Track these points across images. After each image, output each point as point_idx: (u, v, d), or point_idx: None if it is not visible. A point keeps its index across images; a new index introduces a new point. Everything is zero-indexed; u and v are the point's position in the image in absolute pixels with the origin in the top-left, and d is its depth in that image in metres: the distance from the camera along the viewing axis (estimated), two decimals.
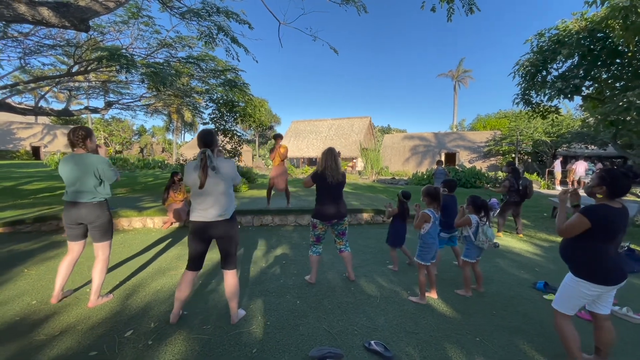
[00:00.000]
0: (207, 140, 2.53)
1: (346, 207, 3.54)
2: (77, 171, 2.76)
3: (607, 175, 2.09)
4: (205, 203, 2.50)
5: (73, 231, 2.89)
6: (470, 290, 3.40)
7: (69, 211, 2.81)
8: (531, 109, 8.86)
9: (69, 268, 2.94)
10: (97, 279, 2.91)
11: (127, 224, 5.93)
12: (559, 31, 7.08)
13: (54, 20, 4.67)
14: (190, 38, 7.49)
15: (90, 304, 2.88)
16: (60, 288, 2.93)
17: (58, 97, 27.15)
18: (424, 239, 3.23)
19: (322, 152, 3.46)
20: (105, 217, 2.94)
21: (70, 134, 2.81)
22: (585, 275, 2.09)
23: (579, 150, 19.34)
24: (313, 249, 3.53)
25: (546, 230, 6.58)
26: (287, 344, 2.41)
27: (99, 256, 2.95)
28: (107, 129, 38.16)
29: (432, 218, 3.20)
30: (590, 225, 2.03)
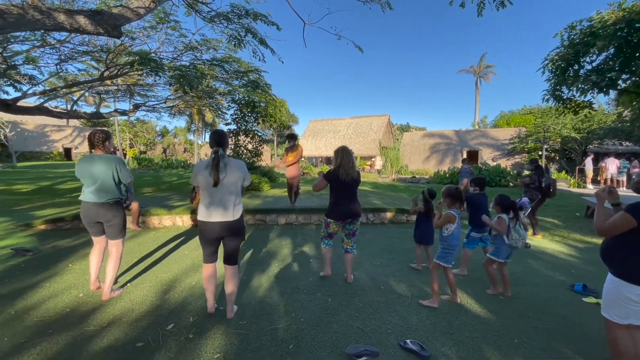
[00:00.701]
0: (219, 140, 2.60)
1: (360, 207, 3.51)
2: (97, 172, 2.90)
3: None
4: (216, 202, 2.54)
5: (93, 229, 3.07)
6: (499, 288, 3.34)
7: (87, 210, 2.96)
8: (562, 104, 8.49)
9: (99, 257, 3.16)
10: (110, 274, 3.07)
11: (158, 222, 6.16)
12: (593, 23, 6.75)
13: (89, 28, 4.91)
14: (215, 41, 7.67)
15: (104, 297, 3.04)
16: (95, 276, 3.15)
17: (87, 100, 28.46)
18: (448, 241, 3.09)
19: (335, 150, 3.47)
20: (121, 216, 3.09)
21: (90, 135, 2.97)
22: (628, 277, 1.95)
23: (611, 147, 18.39)
24: (325, 242, 3.56)
25: (580, 230, 6.32)
26: (322, 340, 2.45)
27: (112, 253, 3.10)
28: (132, 130, 39.64)
29: (457, 219, 3.07)
30: (636, 224, 1.90)
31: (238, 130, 11.12)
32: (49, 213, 6.47)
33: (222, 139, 2.63)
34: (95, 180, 2.91)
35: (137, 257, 4.29)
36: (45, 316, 2.70)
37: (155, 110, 12.99)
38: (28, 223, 5.61)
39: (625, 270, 1.98)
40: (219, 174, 2.46)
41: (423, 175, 21.16)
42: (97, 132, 2.98)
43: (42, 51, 8.04)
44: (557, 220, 7.22)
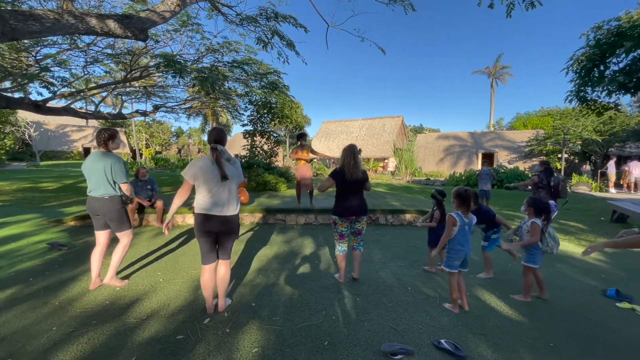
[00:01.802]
0: (218, 137, 2.68)
1: (366, 206, 3.52)
2: (93, 168, 3.08)
3: None
4: (218, 197, 2.61)
5: (95, 221, 3.25)
6: (529, 297, 3.26)
7: (88, 203, 3.17)
8: (586, 105, 8.30)
9: (100, 257, 3.29)
10: (115, 259, 3.28)
11: (182, 220, 6.30)
12: (621, 22, 6.59)
13: (119, 32, 5.08)
14: (236, 43, 7.80)
15: (105, 281, 3.24)
16: (96, 275, 3.25)
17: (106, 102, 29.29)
18: (450, 245, 3.01)
19: (343, 149, 3.48)
20: (117, 211, 3.20)
21: (96, 134, 3.16)
22: None
23: (634, 150, 17.81)
24: (338, 247, 3.54)
25: (606, 235, 6.16)
26: (356, 338, 2.48)
27: (120, 241, 3.31)
28: (148, 130, 40.53)
29: (458, 222, 2.93)
30: None
31: (254, 131, 11.27)
32: (76, 210, 6.71)
33: (221, 136, 2.71)
34: (92, 175, 3.09)
35: (165, 253, 4.41)
36: (87, 308, 2.82)
37: (173, 111, 13.29)
38: (59, 219, 5.83)
39: None
40: (224, 169, 2.57)
41: (437, 177, 20.93)
42: (101, 131, 3.15)
43: (69, 54, 8.35)
44: (582, 225, 7.05)
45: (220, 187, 2.62)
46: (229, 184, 2.66)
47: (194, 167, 2.61)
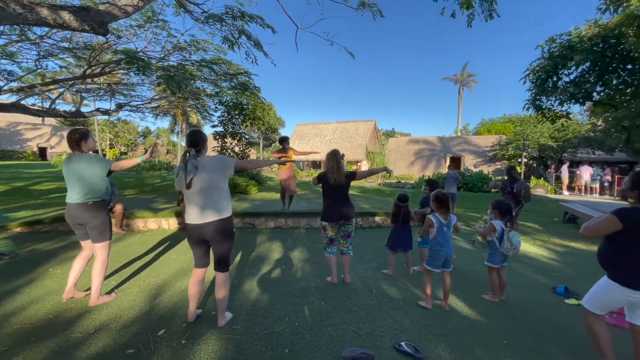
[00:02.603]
0: (192, 140, 2.53)
1: (354, 209, 3.56)
2: (72, 172, 2.82)
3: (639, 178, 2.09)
4: (195, 204, 2.44)
5: (77, 231, 2.97)
6: (497, 296, 3.39)
7: (68, 211, 2.88)
8: (541, 113, 8.88)
9: (83, 263, 3.03)
10: (97, 279, 2.95)
11: (143, 225, 5.99)
12: (571, 37, 7.12)
13: (74, 24, 4.76)
14: (205, 42, 7.58)
15: (91, 303, 2.93)
16: (72, 283, 2.98)
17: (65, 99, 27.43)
18: (431, 245, 3.18)
19: (327, 154, 3.51)
20: (101, 218, 2.93)
21: (67, 136, 2.89)
22: (620, 280, 2.07)
23: (584, 156, 19.30)
24: (328, 250, 3.59)
25: (559, 235, 6.58)
26: (317, 344, 2.44)
27: (97, 257, 2.98)
28: (112, 130, 38.46)
29: (435, 223, 3.10)
30: (621, 227, 2.02)
31: (225, 133, 11.00)
32: (24, 215, 6.18)
33: (195, 139, 2.54)
34: (73, 180, 2.83)
35: (123, 261, 4.16)
36: (26, 323, 2.58)
37: (138, 110, 12.66)
38: (3, 225, 5.34)
39: (617, 275, 2.10)
40: (187, 176, 2.37)
41: (408, 180, 21.52)
42: (72, 132, 2.89)
43: (20, 46, 7.73)
44: (537, 225, 7.50)
45: (193, 193, 2.45)
46: (205, 188, 2.45)
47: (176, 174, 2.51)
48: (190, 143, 2.52)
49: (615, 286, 2.09)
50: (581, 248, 5.62)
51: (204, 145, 2.59)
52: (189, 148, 2.46)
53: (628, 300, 2.08)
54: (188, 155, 2.40)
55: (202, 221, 2.45)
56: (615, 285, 2.09)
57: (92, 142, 3.00)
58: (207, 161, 2.50)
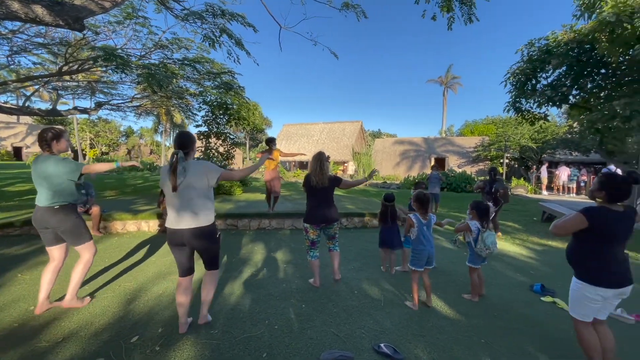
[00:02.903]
0: (180, 142, 2.45)
1: (337, 212, 3.55)
2: (40, 174, 2.69)
3: (607, 180, 2.14)
4: (180, 208, 2.38)
5: (44, 235, 2.81)
6: (477, 296, 3.43)
7: (35, 215, 2.75)
8: (521, 115, 9.11)
9: (53, 276, 2.84)
10: (75, 278, 2.87)
11: (121, 227, 5.80)
12: (548, 42, 7.34)
13: (47, 19, 4.58)
14: (187, 40, 7.43)
15: (64, 304, 2.82)
16: (45, 297, 2.80)
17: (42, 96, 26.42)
18: (413, 245, 3.23)
19: (312, 156, 3.49)
20: (69, 222, 2.79)
21: (39, 135, 2.74)
22: (587, 278, 2.12)
23: (562, 157, 19.98)
24: (311, 254, 3.55)
25: (538, 234, 6.76)
26: (296, 347, 2.41)
27: (80, 257, 2.91)
28: (93, 129, 37.32)
29: (416, 223, 3.17)
30: (587, 224, 2.07)
31: (209, 133, 10.82)
32: None
33: (185, 141, 2.47)
34: (40, 182, 2.70)
35: (99, 265, 4.00)
36: None
37: (119, 109, 12.29)
38: None
39: (583, 272, 2.16)
40: (176, 179, 2.30)
41: (394, 181, 21.73)
42: (44, 130, 2.74)
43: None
44: (517, 225, 7.69)
45: (177, 197, 2.37)
46: (189, 193, 2.38)
47: (161, 172, 2.44)
48: (179, 145, 2.43)
49: (585, 286, 2.13)
50: (558, 246, 5.80)
51: (193, 148, 2.52)
52: (176, 150, 2.37)
53: (598, 298, 2.12)
54: (176, 158, 2.32)
55: (183, 226, 2.39)
56: (583, 284, 2.15)
57: (64, 143, 2.84)
58: (192, 165, 2.43)
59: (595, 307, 2.16)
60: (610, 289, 2.09)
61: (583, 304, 2.17)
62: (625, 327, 3.00)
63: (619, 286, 2.10)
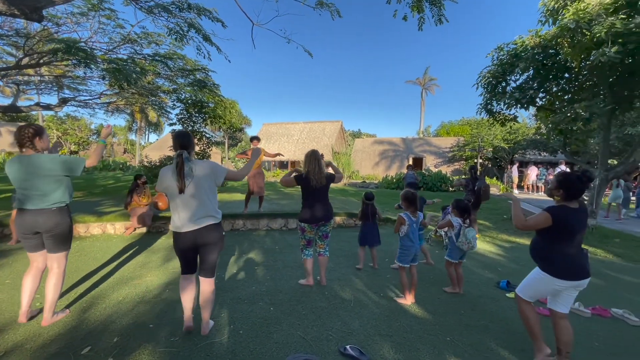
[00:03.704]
0: (183, 142, 2.39)
1: (332, 210, 3.58)
2: (27, 174, 2.46)
3: (564, 179, 2.29)
4: (187, 210, 2.34)
5: (30, 241, 2.58)
6: (457, 287, 3.57)
7: (23, 219, 2.49)
8: (492, 117, 9.41)
9: (35, 282, 2.64)
10: (52, 294, 2.61)
11: (84, 231, 5.50)
12: (516, 46, 7.60)
13: (1, 8, 4.29)
14: (158, 35, 7.16)
15: (44, 322, 2.58)
16: (27, 305, 2.61)
17: (3, 91, 24.81)
18: (402, 242, 3.33)
19: (306, 154, 3.48)
20: (65, 225, 2.63)
21: (16, 132, 2.51)
22: (550, 271, 2.24)
23: (532, 157, 20.89)
24: (306, 252, 3.57)
25: (506, 231, 7.00)
26: (260, 352, 2.34)
27: (53, 268, 2.65)
28: (60, 127, 35.40)
29: (407, 221, 3.28)
30: (552, 222, 2.20)
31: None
32: None
33: (187, 141, 2.40)
34: (27, 185, 2.46)
35: None
36: None
37: (88, 106, 11.69)
38: None
39: (547, 265, 2.28)
40: (184, 180, 2.26)
41: (373, 180, 21.97)
42: (23, 127, 2.50)
43: None
44: (487, 222, 7.93)
45: (184, 199, 2.31)
46: (197, 194, 2.33)
47: (161, 178, 2.39)
48: (181, 145, 2.36)
49: (546, 277, 2.26)
50: (525, 243, 6.01)
51: (193, 147, 2.47)
52: (180, 151, 2.31)
53: (554, 289, 2.27)
54: (181, 159, 2.27)
55: (191, 228, 2.34)
56: (545, 275, 2.27)
57: (47, 140, 2.61)
58: (199, 165, 2.38)
59: (543, 294, 2.40)
60: (570, 281, 2.21)
61: (537, 290, 2.38)
62: (582, 320, 3.13)
63: (579, 278, 2.22)
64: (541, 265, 2.33)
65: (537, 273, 2.35)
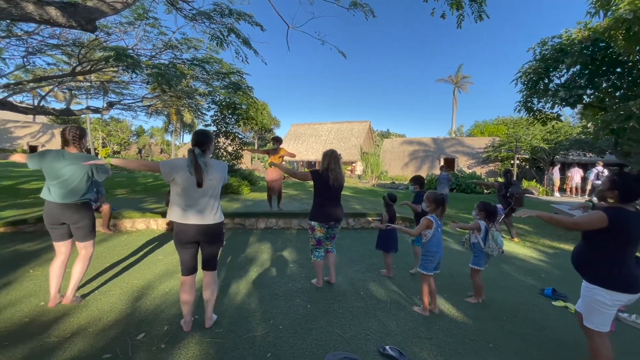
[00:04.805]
0: (198, 140, 2.45)
1: (343, 212, 3.52)
2: (67, 170, 2.72)
3: (619, 179, 2.07)
4: (195, 204, 2.39)
5: (57, 231, 2.85)
6: (481, 298, 3.37)
7: (52, 211, 2.76)
8: (532, 115, 8.93)
9: (60, 270, 2.88)
10: (77, 275, 2.91)
11: (130, 225, 5.89)
12: (562, 40, 7.17)
13: (61, 20, 4.68)
14: (197, 40, 7.50)
15: (65, 300, 2.87)
16: (56, 291, 2.86)
17: (57, 96, 27.04)
18: (427, 247, 3.09)
19: (324, 152, 3.40)
20: (89, 218, 2.93)
21: (66, 131, 2.79)
22: (602, 282, 2.03)
23: (576, 158, 19.51)
24: (315, 254, 3.47)
25: (549, 236, 6.62)
26: (301, 348, 2.40)
27: (81, 254, 2.95)
28: (105, 129, 38.03)
29: (434, 224, 3.06)
30: (607, 224, 1.98)
31: (218, 132, 10.91)
32: (9, 215, 6.03)
33: (202, 139, 2.46)
34: (64, 179, 2.72)
35: (107, 262, 4.07)
36: (0, 327, 2.49)
37: (131, 109, 12.51)
38: None
39: (599, 277, 2.06)
40: (202, 175, 2.32)
41: (402, 181, 21.55)
42: (72, 128, 2.80)
43: (7, 42, 7.58)
44: (528, 227, 7.54)
45: (195, 193, 2.38)
46: (207, 190, 2.41)
47: (171, 168, 2.35)
48: (195, 142, 2.45)
49: (601, 291, 2.03)
50: (570, 249, 5.65)
51: (209, 146, 2.51)
52: (193, 147, 2.39)
53: (614, 304, 2.02)
54: (194, 155, 2.32)
55: (196, 222, 2.40)
56: (599, 289, 2.05)
57: (87, 141, 2.96)
58: (214, 164, 2.48)
59: (611, 314, 2.06)
60: (627, 294, 2.00)
61: (599, 312, 2.06)
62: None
63: (637, 291, 2.00)
64: (590, 277, 2.10)
65: (589, 290, 2.08)
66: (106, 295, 3.14)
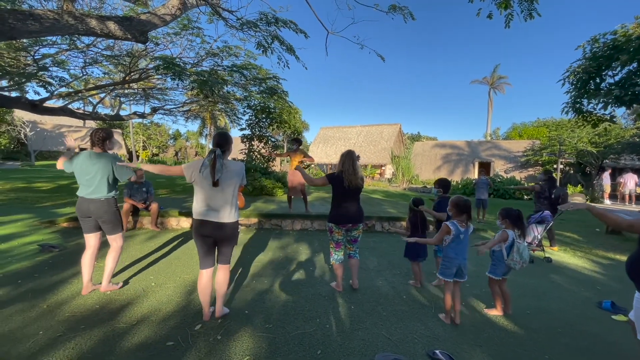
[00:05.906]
0: (219, 141, 2.62)
1: (363, 213, 3.46)
2: (90, 168, 2.98)
3: None
4: (212, 202, 2.56)
5: (85, 224, 3.13)
6: (501, 309, 3.15)
7: (80, 205, 3.06)
8: (582, 117, 8.38)
9: (91, 261, 3.17)
10: (110, 265, 3.19)
11: (176, 224, 6.24)
12: (616, 36, 6.70)
13: (118, 33, 5.09)
14: (236, 47, 7.83)
15: (102, 289, 3.15)
16: (88, 280, 3.14)
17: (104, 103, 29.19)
18: (445, 252, 3.00)
19: (341, 154, 3.38)
20: (112, 213, 3.14)
21: (92, 134, 3.08)
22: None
23: (629, 162, 17.99)
24: (335, 256, 3.43)
25: (602, 246, 6.16)
26: (349, 347, 2.44)
27: (112, 245, 3.23)
28: (145, 132, 40.42)
29: (453, 231, 2.90)
30: None
31: (252, 136, 11.27)
32: (70, 211, 6.62)
33: (223, 141, 2.63)
34: (89, 176, 3.00)
35: (158, 257, 4.35)
36: (76, 312, 2.76)
37: (171, 114, 13.28)
38: (52, 220, 5.75)
39: None
40: (215, 174, 2.48)
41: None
42: (97, 130, 3.08)
43: (68, 54, 8.34)
44: (577, 235, 7.07)
45: (213, 192, 2.57)
46: (224, 189, 2.58)
47: (194, 165, 2.62)
48: (216, 144, 2.63)
49: None
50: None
51: (229, 148, 2.69)
52: (214, 148, 2.57)
53: None
54: (214, 155, 2.51)
55: (214, 219, 2.57)
56: None
57: (114, 142, 3.23)
58: (231, 164, 2.65)
59: None
60: None
61: None
62: None
63: None
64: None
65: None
66: (162, 288, 3.36)
